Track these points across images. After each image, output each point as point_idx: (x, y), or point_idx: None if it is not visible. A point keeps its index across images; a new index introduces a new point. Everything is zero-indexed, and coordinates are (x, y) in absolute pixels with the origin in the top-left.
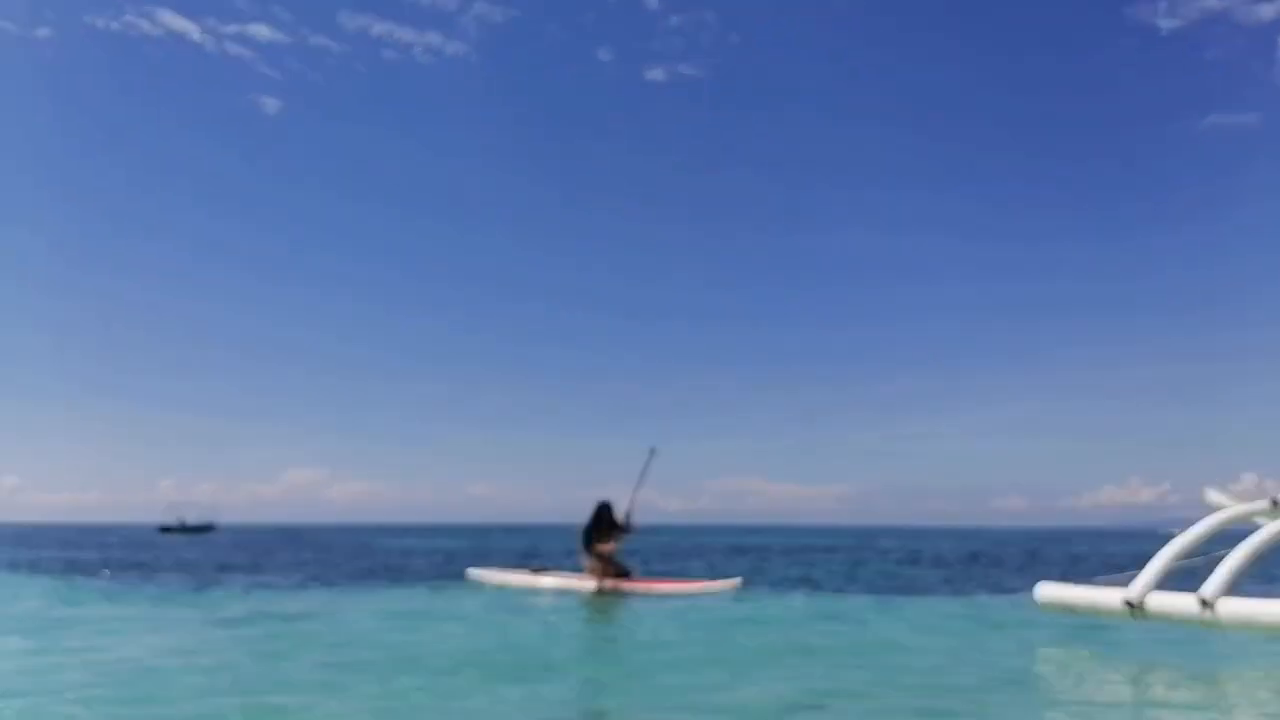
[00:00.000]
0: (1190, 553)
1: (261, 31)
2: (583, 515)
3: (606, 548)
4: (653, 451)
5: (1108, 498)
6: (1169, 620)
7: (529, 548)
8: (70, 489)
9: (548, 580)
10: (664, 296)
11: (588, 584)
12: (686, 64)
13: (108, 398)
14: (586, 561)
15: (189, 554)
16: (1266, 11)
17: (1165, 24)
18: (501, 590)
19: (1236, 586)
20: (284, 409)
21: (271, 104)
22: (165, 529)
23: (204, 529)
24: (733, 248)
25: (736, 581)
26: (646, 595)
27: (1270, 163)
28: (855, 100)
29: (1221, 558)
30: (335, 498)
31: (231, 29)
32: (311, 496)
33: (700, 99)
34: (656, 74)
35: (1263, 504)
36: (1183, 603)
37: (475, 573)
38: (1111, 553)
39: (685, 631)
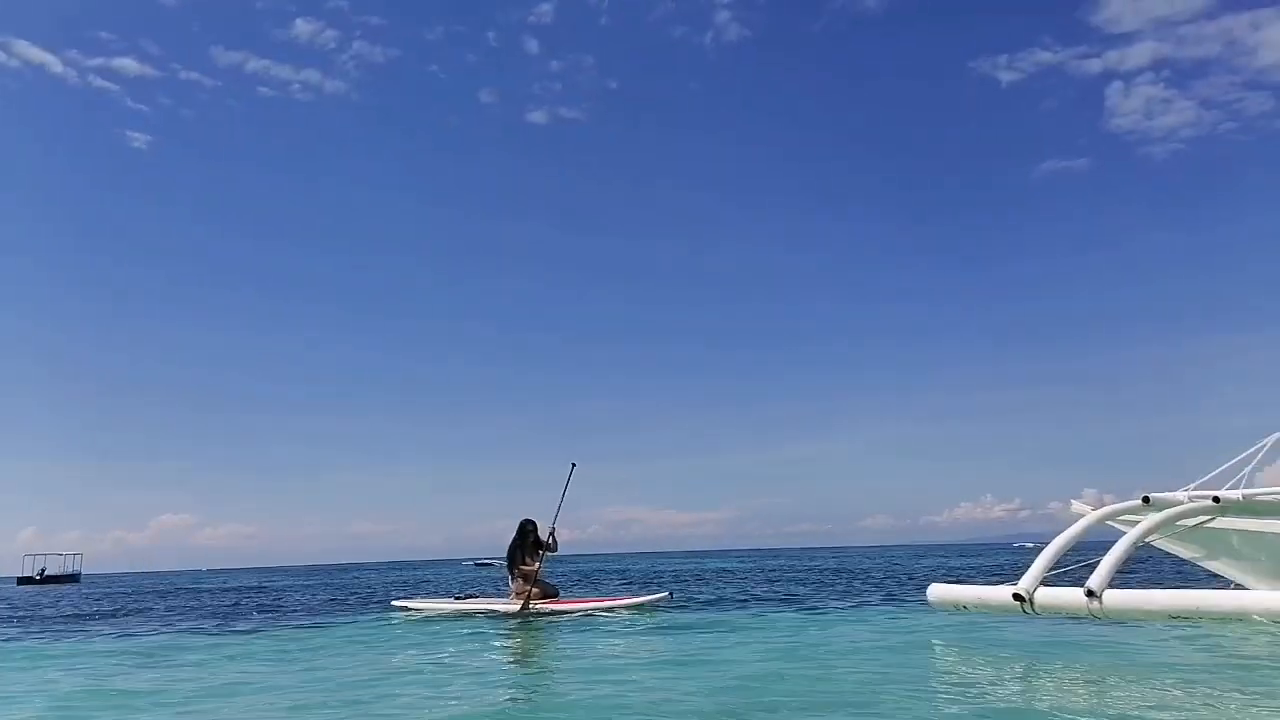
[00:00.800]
0: (1070, 549)
1: (128, 65)
2: (477, 546)
3: (531, 568)
4: (573, 466)
5: (964, 514)
6: (1057, 613)
7: (421, 580)
8: None
9: (476, 605)
10: (543, 328)
11: (515, 606)
12: (566, 107)
13: None
14: (514, 584)
15: (47, 607)
16: (1095, 65)
17: (1005, 76)
18: (430, 619)
19: (1116, 579)
20: (150, 451)
21: (140, 139)
22: (24, 580)
23: (67, 579)
24: (613, 274)
25: (665, 595)
26: (576, 613)
27: (1100, 202)
28: (731, 133)
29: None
30: (205, 542)
31: (95, 62)
32: (181, 542)
33: (580, 139)
34: (538, 116)
35: (1134, 502)
36: (1070, 596)
37: (401, 604)
38: (978, 566)
39: (630, 642)
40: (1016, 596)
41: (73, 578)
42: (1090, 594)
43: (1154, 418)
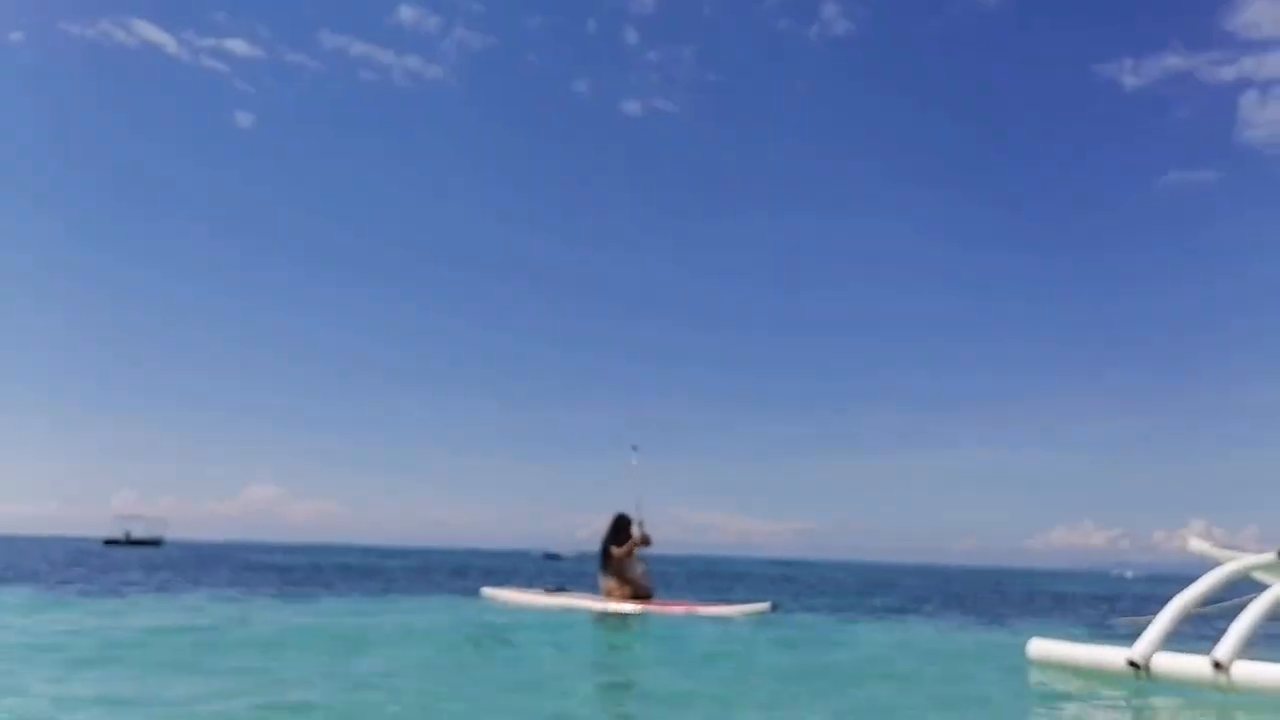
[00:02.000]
0: (1195, 609)
1: (239, 46)
2: (546, 540)
3: (623, 553)
4: (634, 449)
5: (1060, 539)
6: (1177, 683)
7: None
8: (25, 500)
9: (568, 600)
10: (636, 327)
11: (611, 604)
12: (663, 99)
13: (70, 408)
14: (604, 581)
15: (125, 566)
16: (1228, 73)
17: (1130, 81)
18: (519, 609)
19: (1248, 648)
20: (247, 425)
21: (245, 119)
22: (110, 541)
23: (151, 543)
24: (709, 286)
25: (766, 605)
26: (675, 617)
27: (1229, 218)
28: (831, 137)
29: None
30: (292, 517)
31: (208, 43)
32: (269, 515)
33: (676, 133)
34: (633, 107)
35: (1269, 556)
36: (1193, 665)
37: (491, 592)
38: (1073, 592)
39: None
40: (1132, 663)
41: (156, 542)
42: (1217, 666)
43: (1267, 452)
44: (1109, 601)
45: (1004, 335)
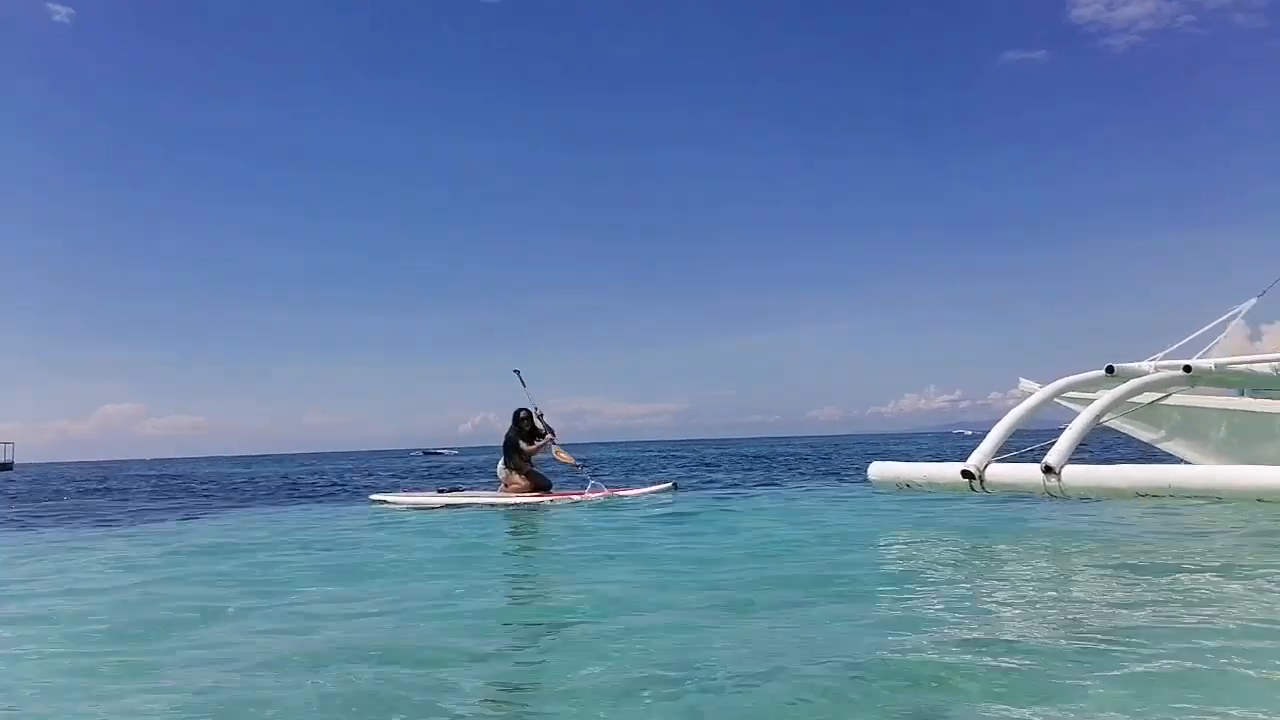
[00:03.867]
0: (1021, 425)
1: None
2: (424, 439)
3: (537, 448)
4: (517, 373)
5: (909, 405)
6: (1011, 490)
7: (376, 469)
8: None
9: (464, 498)
10: (501, 212)
11: (514, 498)
12: None
13: None
14: (506, 475)
15: None
16: None
17: None
18: (417, 513)
19: (1075, 455)
20: (95, 340)
21: (62, 12)
22: None
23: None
24: (568, 165)
25: (670, 485)
26: (586, 504)
27: (1060, 95)
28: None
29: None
30: (152, 433)
31: None
32: (126, 433)
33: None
34: None
35: (1097, 373)
36: (1025, 472)
37: (381, 497)
38: (920, 450)
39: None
40: (965, 474)
41: (7, 465)
42: (1048, 470)
43: (1100, 312)
44: (949, 457)
45: (858, 219)
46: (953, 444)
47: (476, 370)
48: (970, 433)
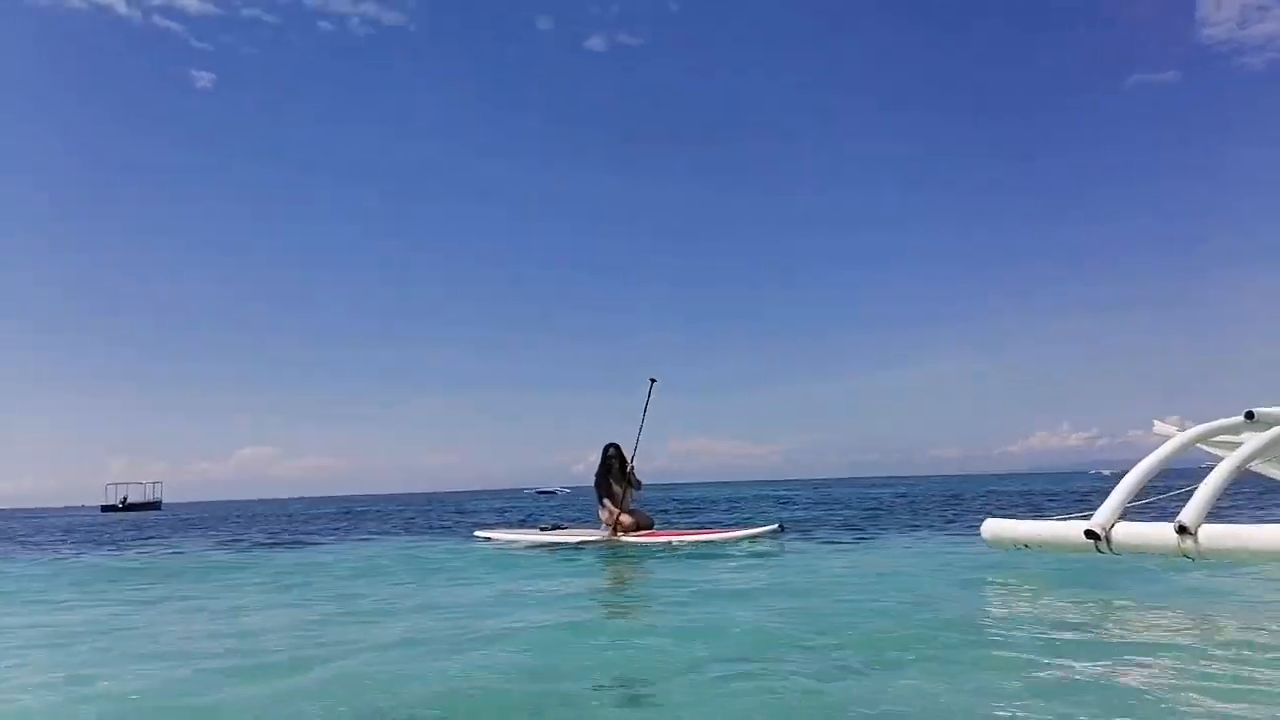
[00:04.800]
0: (1155, 477)
1: (191, 4)
2: (540, 478)
3: (622, 486)
4: (653, 382)
5: (1040, 443)
6: (1140, 552)
7: (491, 509)
8: (12, 475)
9: (564, 536)
10: (610, 255)
11: (613, 536)
12: (626, 33)
13: (56, 381)
14: (602, 512)
15: (126, 529)
16: None
17: None
18: (516, 549)
19: (1213, 511)
20: (234, 386)
21: (204, 78)
22: (108, 508)
23: (149, 506)
24: (673, 208)
25: (775, 527)
26: (682, 545)
27: (1191, 119)
28: (795, 63)
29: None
30: (286, 474)
31: (158, 2)
32: (262, 474)
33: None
34: (597, 42)
35: (1236, 419)
36: (1156, 532)
37: (484, 534)
38: (1053, 491)
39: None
40: (1090, 534)
41: (154, 505)
42: (1182, 530)
43: (1241, 349)
44: (1086, 499)
45: (978, 248)
46: (1088, 483)
47: (589, 409)
48: (1109, 472)
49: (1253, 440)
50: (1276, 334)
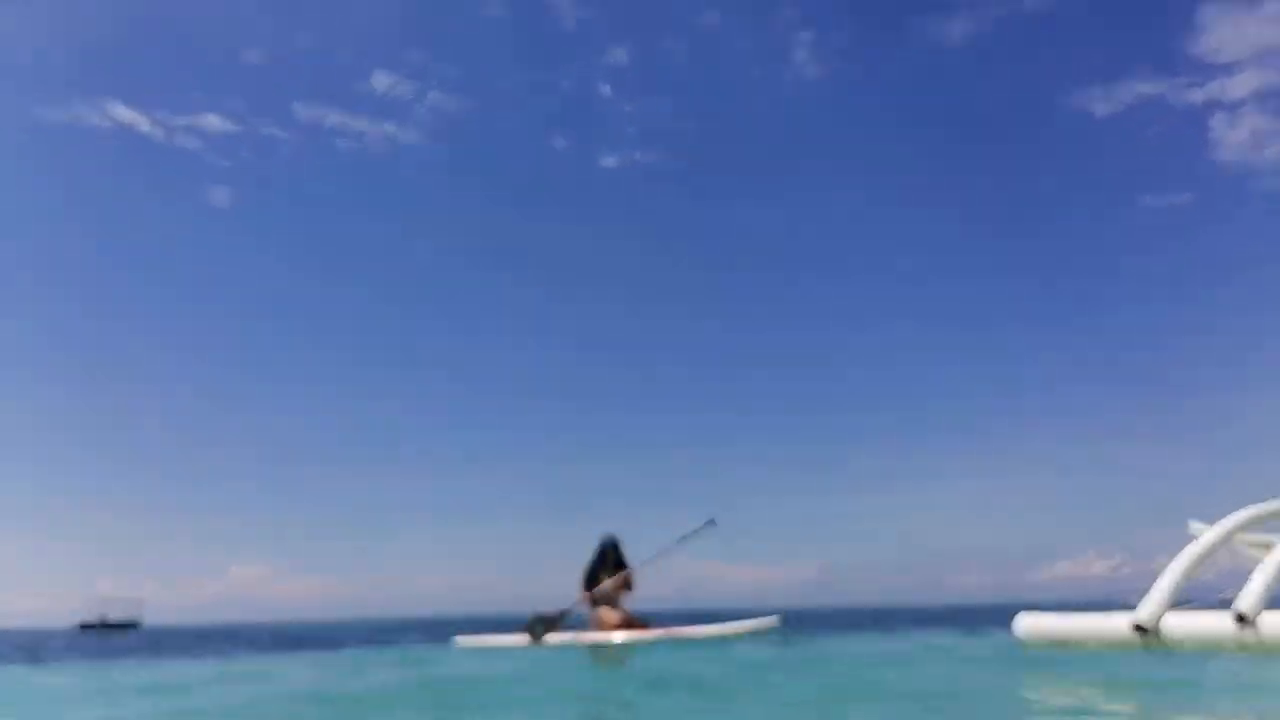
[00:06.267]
0: (1200, 568)
1: (212, 122)
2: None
3: (616, 583)
4: (711, 523)
5: (1065, 571)
6: (1194, 645)
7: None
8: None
9: (551, 639)
10: (615, 381)
11: (602, 636)
12: (641, 150)
13: (43, 496)
14: (594, 612)
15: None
16: (1198, 95)
17: (1100, 109)
18: (499, 653)
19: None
20: (227, 502)
21: (221, 194)
22: (86, 626)
23: (126, 626)
24: (682, 332)
25: (773, 620)
26: (677, 641)
27: (1205, 239)
28: (816, 180)
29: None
30: (277, 596)
31: (182, 121)
32: (254, 594)
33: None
34: (611, 160)
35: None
36: (1211, 622)
37: (465, 640)
38: None
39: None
40: (1138, 627)
41: (132, 625)
42: (1241, 619)
43: (1267, 461)
44: None
45: (989, 362)
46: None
47: (586, 533)
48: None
49: None
50: None
